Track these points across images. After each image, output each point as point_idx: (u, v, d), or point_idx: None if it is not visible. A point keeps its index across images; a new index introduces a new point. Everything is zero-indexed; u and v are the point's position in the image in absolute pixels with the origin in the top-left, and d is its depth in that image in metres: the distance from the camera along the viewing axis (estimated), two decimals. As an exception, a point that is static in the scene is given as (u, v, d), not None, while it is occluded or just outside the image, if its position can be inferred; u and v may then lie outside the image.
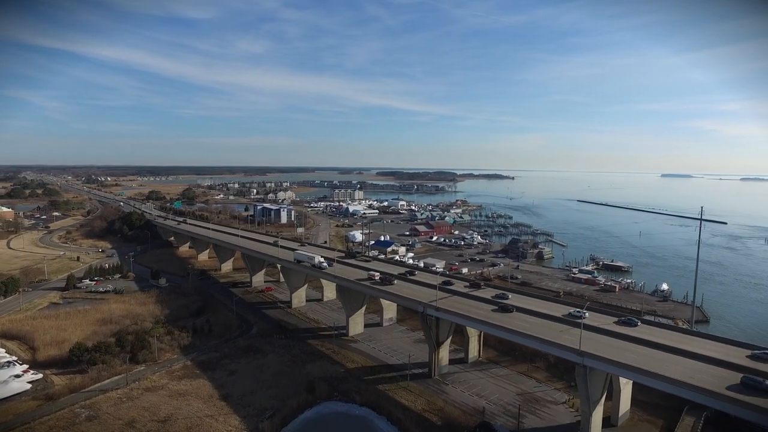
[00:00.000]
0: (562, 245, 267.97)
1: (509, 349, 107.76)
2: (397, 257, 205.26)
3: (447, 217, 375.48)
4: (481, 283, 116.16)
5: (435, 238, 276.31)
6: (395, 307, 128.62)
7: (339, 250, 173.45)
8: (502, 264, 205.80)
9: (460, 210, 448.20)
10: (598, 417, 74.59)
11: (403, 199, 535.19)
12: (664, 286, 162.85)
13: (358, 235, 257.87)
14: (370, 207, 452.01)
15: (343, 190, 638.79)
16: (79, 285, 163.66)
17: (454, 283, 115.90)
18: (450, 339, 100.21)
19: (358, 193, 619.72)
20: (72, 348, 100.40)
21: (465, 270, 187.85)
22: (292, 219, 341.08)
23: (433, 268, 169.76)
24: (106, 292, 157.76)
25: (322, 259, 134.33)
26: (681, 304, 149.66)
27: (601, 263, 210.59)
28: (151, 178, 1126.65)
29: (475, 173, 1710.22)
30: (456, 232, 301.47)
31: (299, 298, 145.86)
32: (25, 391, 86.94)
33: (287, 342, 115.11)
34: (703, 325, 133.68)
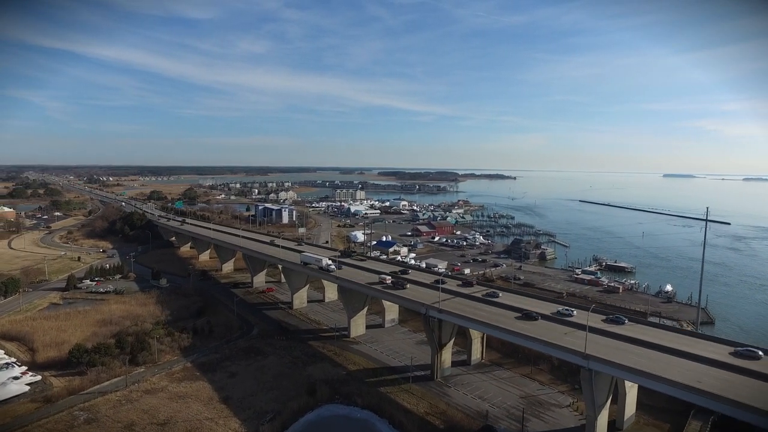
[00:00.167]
0: (564, 246, 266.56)
1: (512, 351, 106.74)
2: (399, 258, 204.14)
3: (449, 218, 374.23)
4: (474, 282, 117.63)
5: (437, 239, 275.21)
6: (397, 308, 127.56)
7: (334, 250, 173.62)
8: (504, 265, 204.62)
9: (462, 210, 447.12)
10: (603, 421, 73.46)
11: (404, 199, 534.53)
12: (668, 287, 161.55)
13: (359, 236, 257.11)
14: (372, 207, 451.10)
15: (344, 190, 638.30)
16: (79, 285, 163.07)
17: (447, 281, 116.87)
18: (452, 341, 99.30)
19: (360, 193, 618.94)
20: (71, 349, 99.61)
21: (467, 271, 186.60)
22: (294, 219, 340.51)
23: (435, 269, 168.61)
24: (106, 292, 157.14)
25: (329, 262, 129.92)
26: (685, 306, 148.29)
27: (604, 264, 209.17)
28: (153, 178, 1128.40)
29: (477, 173, 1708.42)
30: (458, 233, 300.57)
31: (300, 298, 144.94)
32: (23, 393, 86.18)
33: (288, 343, 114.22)
34: (707, 326, 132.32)
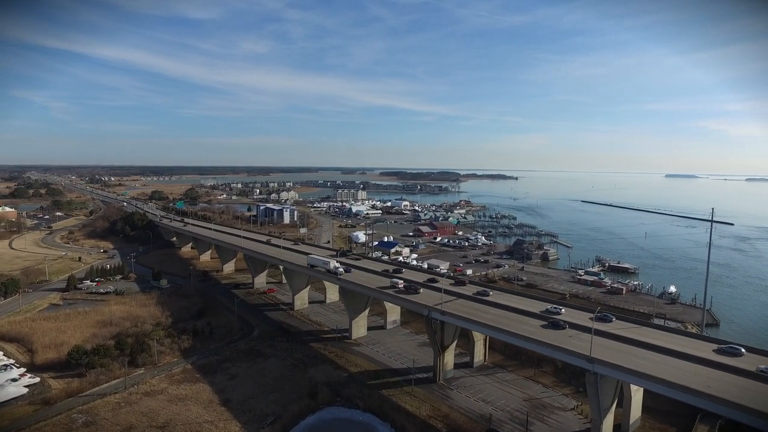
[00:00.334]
0: (567, 246, 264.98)
1: (515, 353, 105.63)
2: (401, 258, 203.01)
3: (451, 218, 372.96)
4: (466, 281, 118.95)
5: (439, 239, 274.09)
6: (399, 309, 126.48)
7: (329, 249, 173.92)
8: (506, 265, 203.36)
9: (463, 210, 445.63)
10: (608, 425, 72.41)
11: (406, 200, 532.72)
12: (672, 289, 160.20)
13: (361, 236, 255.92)
14: (374, 207, 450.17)
15: (346, 190, 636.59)
16: (79, 286, 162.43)
17: (438, 280, 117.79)
18: (455, 343, 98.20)
19: (361, 194, 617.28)
20: (70, 351, 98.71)
21: (469, 271, 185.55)
22: (295, 219, 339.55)
23: (437, 270, 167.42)
24: (106, 293, 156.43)
25: (338, 265, 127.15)
26: (689, 307, 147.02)
27: (607, 265, 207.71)
28: (155, 178, 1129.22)
29: (479, 173, 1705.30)
30: (460, 233, 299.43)
31: (302, 299, 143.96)
32: (21, 395, 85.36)
33: (289, 345, 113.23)
34: (713, 328, 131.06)
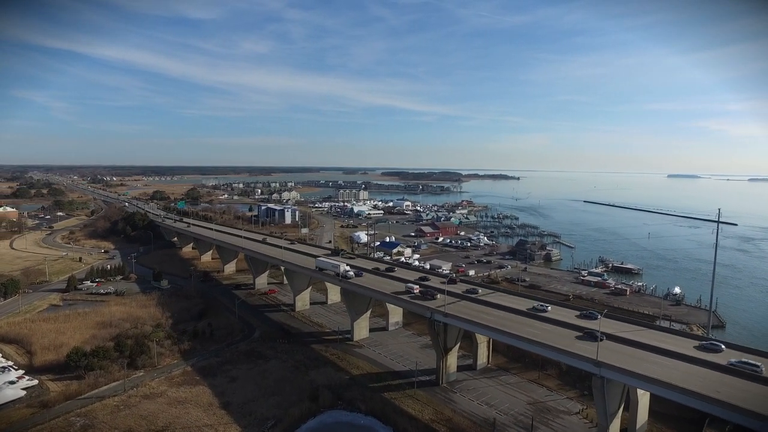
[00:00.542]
0: (570, 247, 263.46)
1: (519, 356, 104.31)
2: (402, 259, 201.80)
3: (453, 218, 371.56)
4: (457, 279, 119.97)
5: (441, 239, 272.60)
6: (401, 311, 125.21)
7: (323, 249, 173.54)
8: (509, 266, 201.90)
9: (465, 211, 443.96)
10: (615, 430, 70.95)
11: (408, 200, 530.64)
12: (677, 290, 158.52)
13: (363, 236, 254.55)
14: (375, 207, 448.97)
15: (347, 191, 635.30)
16: (80, 287, 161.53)
17: (430, 279, 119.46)
18: (458, 345, 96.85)
19: (363, 194, 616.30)
20: (69, 353, 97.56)
21: (472, 272, 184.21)
22: (297, 220, 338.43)
23: (440, 270, 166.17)
24: (107, 294, 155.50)
25: (348, 268, 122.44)
26: (695, 309, 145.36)
27: (610, 265, 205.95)
28: (156, 178, 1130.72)
29: (480, 173, 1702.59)
30: (462, 233, 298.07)
31: (303, 300, 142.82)
32: (19, 398, 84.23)
33: (290, 347, 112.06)
34: (718, 330, 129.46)
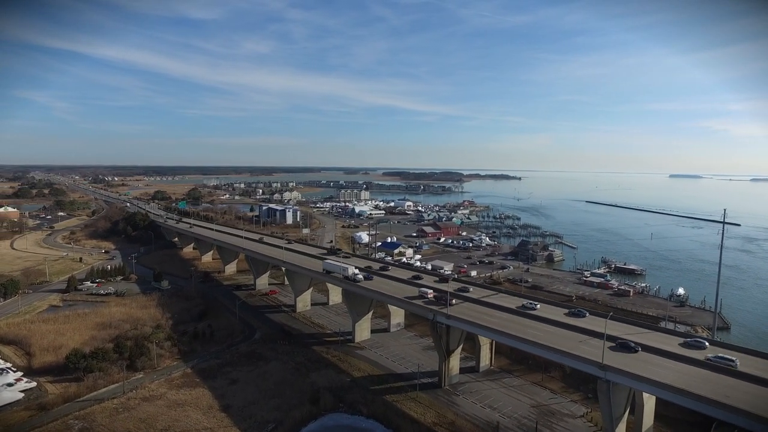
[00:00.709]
0: (572, 247, 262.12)
1: (522, 358, 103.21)
2: (404, 259, 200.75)
3: (454, 218, 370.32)
4: (449, 279, 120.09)
5: (442, 240, 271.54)
6: (403, 312, 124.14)
7: (320, 248, 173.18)
8: (511, 267, 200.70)
9: (467, 211, 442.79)
10: (620, 434, 69.89)
11: (409, 200, 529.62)
12: (680, 291, 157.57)
13: (364, 236, 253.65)
14: (377, 207, 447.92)
15: (349, 191, 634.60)
16: (80, 287, 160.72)
17: (422, 277, 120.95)
18: (461, 347, 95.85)
19: (364, 194, 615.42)
20: (68, 354, 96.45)
21: (474, 273, 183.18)
22: (298, 220, 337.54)
23: (441, 271, 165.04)
24: (107, 294, 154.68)
25: (356, 271, 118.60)
26: (699, 310, 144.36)
27: (613, 266, 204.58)
28: (158, 178, 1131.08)
29: (482, 173, 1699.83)
30: (464, 234, 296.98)
31: (304, 301, 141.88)
32: (17, 400, 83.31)
33: (291, 348, 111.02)
34: (723, 332, 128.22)
